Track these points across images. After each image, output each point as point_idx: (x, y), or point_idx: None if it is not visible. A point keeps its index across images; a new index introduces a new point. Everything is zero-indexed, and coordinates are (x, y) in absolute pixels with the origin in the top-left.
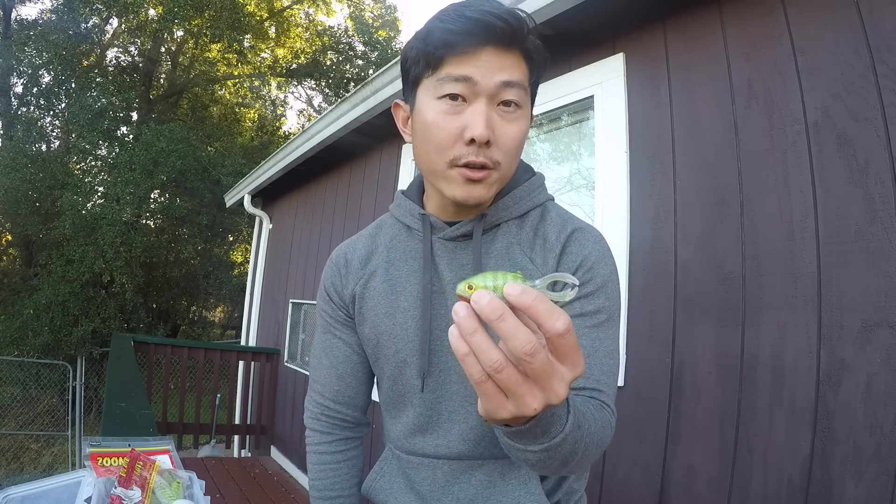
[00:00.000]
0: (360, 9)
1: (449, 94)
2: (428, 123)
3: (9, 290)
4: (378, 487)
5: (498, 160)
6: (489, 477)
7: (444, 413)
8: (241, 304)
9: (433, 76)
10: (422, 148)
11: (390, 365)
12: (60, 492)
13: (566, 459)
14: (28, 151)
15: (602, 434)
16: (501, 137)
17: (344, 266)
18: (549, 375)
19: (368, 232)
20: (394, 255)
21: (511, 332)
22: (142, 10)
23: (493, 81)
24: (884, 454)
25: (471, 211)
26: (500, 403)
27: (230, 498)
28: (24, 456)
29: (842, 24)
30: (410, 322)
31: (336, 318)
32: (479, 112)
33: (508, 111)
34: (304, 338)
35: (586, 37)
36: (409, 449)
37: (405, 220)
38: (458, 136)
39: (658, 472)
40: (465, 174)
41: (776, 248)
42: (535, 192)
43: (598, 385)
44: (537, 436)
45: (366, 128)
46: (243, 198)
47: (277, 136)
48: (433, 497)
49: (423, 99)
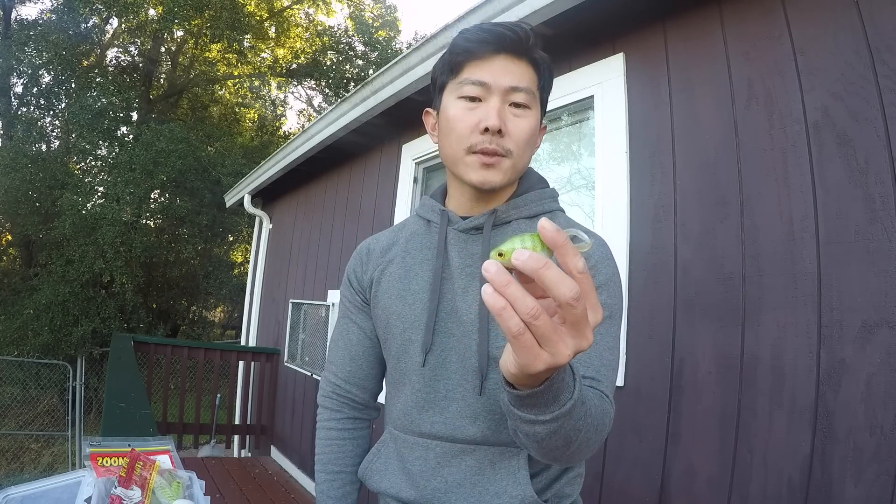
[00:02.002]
0: (360, 9)
1: (468, 96)
2: (450, 119)
3: (9, 290)
4: (373, 469)
5: (509, 148)
6: (479, 464)
7: (442, 391)
8: (241, 304)
9: (455, 80)
10: (445, 140)
11: (396, 343)
12: (60, 492)
13: (570, 438)
14: (28, 151)
15: (601, 421)
16: (512, 130)
17: (366, 255)
18: (584, 321)
19: (393, 228)
20: (412, 245)
21: (557, 278)
22: (142, 10)
23: (504, 84)
24: (884, 454)
25: (485, 207)
26: (537, 354)
27: (230, 498)
28: (24, 456)
29: (842, 24)
30: (419, 304)
31: (354, 302)
32: (493, 107)
33: (518, 111)
34: (304, 338)
35: (586, 37)
36: (406, 427)
37: (426, 216)
38: (475, 127)
39: (658, 472)
40: (480, 159)
41: (776, 248)
42: (546, 200)
43: (596, 375)
44: (548, 401)
45: (366, 128)
46: (243, 198)
47: (277, 136)
48: (423, 477)
49: (447, 100)
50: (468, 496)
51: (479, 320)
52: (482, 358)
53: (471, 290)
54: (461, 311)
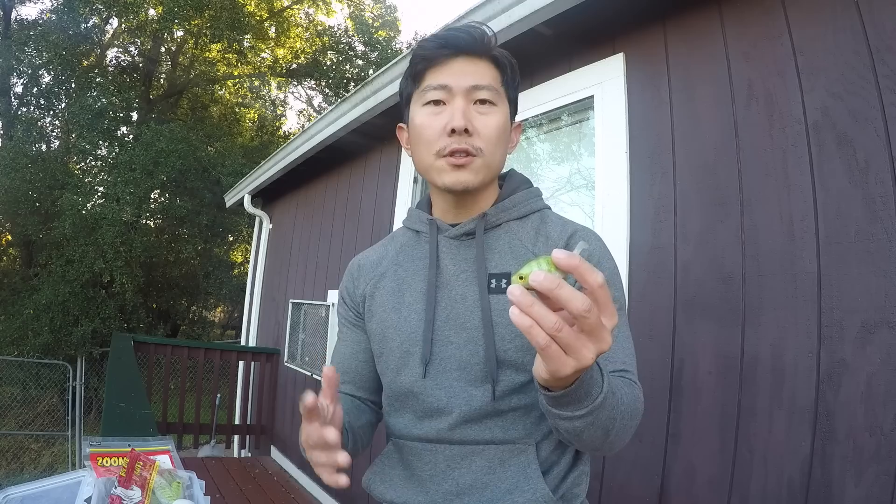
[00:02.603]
0: (360, 9)
1: (432, 101)
2: (417, 126)
3: (9, 290)
4: (377, 480)
5: (479, 146)
6: (489, 463)
7: (444, 398)
8: (241, 304)
9: (418, 88)
10: (415, 149)
11: (394, 356)
12: (60, 492)
13: (607, 427)
14: (28, 151)
15: (634, 406)
16: (480, 128)
17: (357, 270)
18: (601, 328)
19: (382, 242)
20: (402, 257)
21: (570, 295)
22: (142, 10)
23: (465, 84)
24: (884, 454)
25: (471, 212)
26: (564, 361)
27: (230, 498)
28: (24, 456)
29: (842, 24)
30: (414, 315)
31: (348, 318)
32: (457, 107)
33: (483, 108)
34: (304, 338)
35: (586, 37)
36: (411, 436)
37: (415, 227)
38: (442, 131)
39: (658, 472)
40: (450, 161)
41: (776, 248)
42: (532, 200)
43: (623, 366)
44: (581, 398)
45: (366, 128)
46: (243, 198)
47: (277, 136)
48: (433, 482)
49: (413, 110)
50: (480, 496)
51: (484, 326)
52: (490, 362)
53: (469, 296)
54: (462, 318)
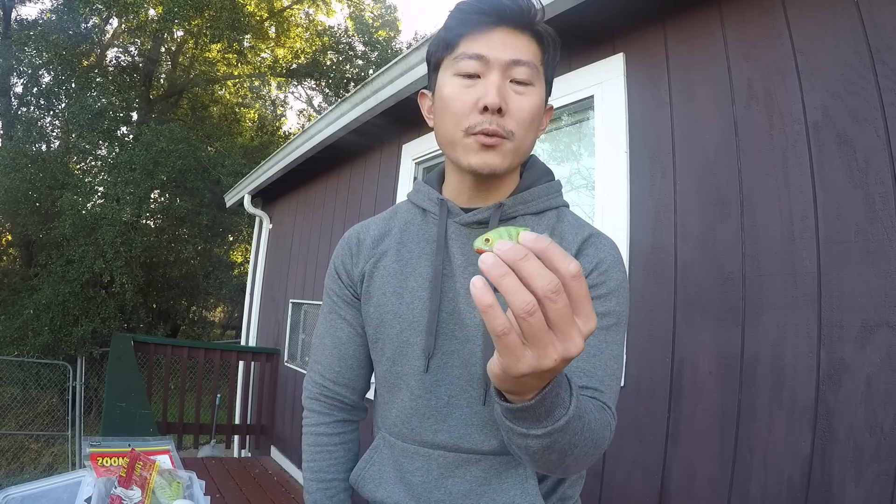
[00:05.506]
0: (360, 9)
1: (465, 73)
2: (445, 98)
3: (9, 290)
4: (367, 477)
5: (511, 130)
6: (485, 473)
7: (444, 397)
8: (241, 304)
9: (450, 55)
10: (441, 121)
11: (392, 345)
12: (60, 492)
13: (565, 452)
14: (28, 151)
15: (601, 434)
16: (514, 109)
17: (356, 245)
18: (569, 323)
19: (383, 215)
20: (407, 237)
21: (535, 272)
22: (142, 10)
23: (504, 58)
24: (884, 454)
25: (487, 197)
26: (521, 355)
27: (230, 498)
28: (24, 456)
29: (842, 24)
30: (418, 303)
31: (342, 297)
32: (492, 83)
33: (520, 88)
34: (304, 338)
35: (586, 37)
36: (404, 435)
37: (422, 204)
38: (473, 106)
39: (658, 472)
40: (479, 140)
41: (776, 248)
42: (552, 195)
43: (599, 386)
44: (541, 416)
45: (366, 128)
46: (243, 198)
47: (277, 136)
48: (425, 489)
49: (442, 78)
50: None
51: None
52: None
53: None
54: (464, 314)
